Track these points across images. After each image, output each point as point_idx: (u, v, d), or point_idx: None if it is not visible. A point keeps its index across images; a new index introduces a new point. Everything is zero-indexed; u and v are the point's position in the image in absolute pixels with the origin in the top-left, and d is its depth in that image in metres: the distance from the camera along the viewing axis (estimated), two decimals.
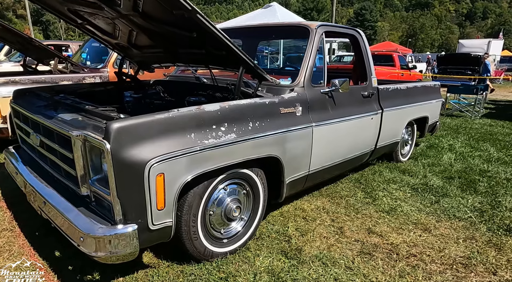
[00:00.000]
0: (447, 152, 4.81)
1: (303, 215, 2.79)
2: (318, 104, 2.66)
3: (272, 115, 2.24)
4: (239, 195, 2.20)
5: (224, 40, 1.92)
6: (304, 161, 2.58)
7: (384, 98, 3.51)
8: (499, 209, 2.97)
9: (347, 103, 2.99)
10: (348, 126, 2.97)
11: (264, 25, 3.11)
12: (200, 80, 3.06)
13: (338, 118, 2.82)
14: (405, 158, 4.42)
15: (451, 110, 8.22)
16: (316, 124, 2.57)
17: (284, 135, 2.29)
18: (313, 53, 2.69)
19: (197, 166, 1.77)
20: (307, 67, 2.63)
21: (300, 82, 2.57)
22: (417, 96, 4.19)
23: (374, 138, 3.45)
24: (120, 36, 2.76)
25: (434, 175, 3.88)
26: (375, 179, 3.67)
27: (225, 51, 2.13)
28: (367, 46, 3.33)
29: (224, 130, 1.91)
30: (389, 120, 3.59)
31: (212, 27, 1.83)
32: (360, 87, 3.22)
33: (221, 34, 1.90)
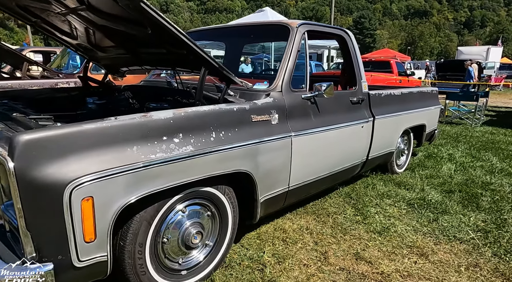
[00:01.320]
0: (446, 163, 4.49)
1: (284, 236, 2.46)
2: (299, 111, 2.36)
3: (242, 123, 1.94)
4: (201, 218, 1.88)
5: (179, 35, 1.63)
6: (282, 176, 2.26)
7: (376, 105, 3.21)
8: (505, 229, 2.64)
9: (333, 110, 2.69)
10: (335, 135, 2.66)
11: (241, 24, 2.83)
12: (171, 85, 2.76)
13: (322, 127, 2.51)
14: (401, 169, 4.10)
15: (451, 117, 7.92)
16: (295, 134, 2.26)
17: (256, 146, 1.98)
18: (293, 54, 2.39)
19: (141, 186, 1.46)
20: (286, 70, 2.33)
21: (277, 86, 2.27)
22: (413, 103, 3.89)
23: (365, 148, 3.14)
24: (78, 35, 2.48)
25: (432, 188, 3.56)
26: (368, 193, 3.35)
27: (185, 50, 1.83)
28: (356, 48, 3.04)
29: (178, 142, 1.60)
30: (382, 129, 3.28)
31: (163, 19, 1.54)
32: (348, 92, 2.92)
33: (174, 29, 1.61)
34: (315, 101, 2.50)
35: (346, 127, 2.76)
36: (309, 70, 2.51)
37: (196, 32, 3.23)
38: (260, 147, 2.01)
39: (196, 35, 3.35)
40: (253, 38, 3.15)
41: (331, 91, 2.41)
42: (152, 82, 3.20)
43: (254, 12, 8.05)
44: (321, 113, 2.55)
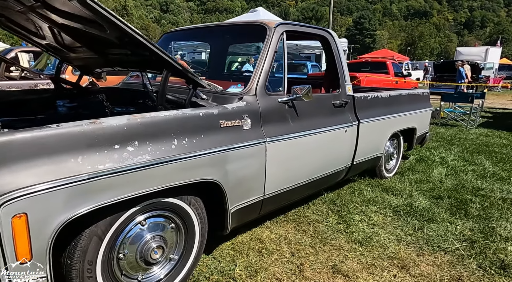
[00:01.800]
0: (438, 166, 4.38)
1: (259, 247, 2.35)
2: (275, 115, 2.24)
3: (209, 129, 1.82)
4: (164, 231, 1.76)
5: (134, 35, 1.52)
6: (256, 184, 2.15)
7: (362, 108, 3.09)
8: (493, 239, 2.52)
9: (314, 113, 2.58)
10: (315, 140, 2.55)
11: (217, 24, 2.72)
12: (146, 88, 2.65)
13: (301, 132, 2.40)
14: (390, 173, 3.99)
15: (446, 119, 7.81)
16: (270, 140, 2.15)
17: (224, 154, 1.87)
18: (270, 56, 2.28)
19: (88, 199, 1.35)
20: (261, 72, 2.22)
21: (251, 89, 2.16)
22: (402, 105, 3.77)
23: (350, 153, 3.02)
24: (45, 35, 2.37)
25: (421, 194, 3.44)
26: (353, 199, 3.24)
27: (146, 51, 1.72)
28: (340, 49, 2.93)
29: (133, 151, 1.49)
30: (367, 133, 3.17)
31: (113, 16, 1.42)
32: (331, 95, 2.80)
33: (128, 28, 1.50)
34: (293, 105, 2.39)
35: (327, 131, 2.65)
36: (286, 71, 2.39)
37: (175, 32, 3.12)
38: (229, 155, 1.90)
39: (176, 36, 3.24)
40: (230, 39, 3.04)
41: (309, 94, 2.30)
42: (130, 84, 3.09)
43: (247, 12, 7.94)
44: (300, 117, 2.43)
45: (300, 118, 2.43)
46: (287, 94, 2.36)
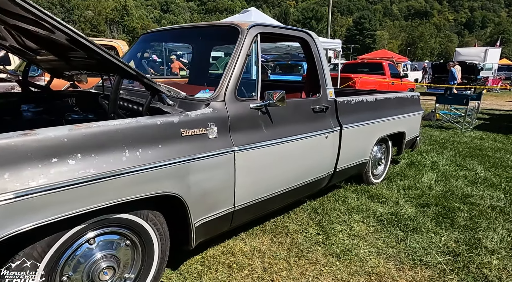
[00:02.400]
0: (428, 172, 4.25)
1: (230, 261, 2.22)
2: (246, 122, 2.12)
3: (167, 139, 1.70)
4: (117, 249, 1.64)
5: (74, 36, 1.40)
6: (224, 196, 2.03)
7: (345, 113, 2.97)
8: (477, 251, 2.40)
9: (291, 120, 2.45)
10: (292, 148, 2.43)
11: (189, 26, 2.60)
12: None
13: (275, 139, 2.28)
14: (378, 179, 3.86)
15: (441, 121, 7.68)
16: (240, 148, 2.03)
17: (186, 165, 1.75)
18: (241, 59, 2.16)
19: (17, 220, 1.22)
20: (231, 76, 2.09)
21: (220, 95, 2.03)
22: (390, 109, 3.65)
23: (332, 159, 2.90)
24: (4, 36, 2.25)
25: (408, 201, 3.32)
26: (337, 207, 3.11)
27: (98, 55, 1.60)
28: (321, 51, 2.81)
29: (74, 164, 1.36)
30: (351, 138, 3.05)
31: (50, 17, 1.31)
32: (310, 100, 2.68)
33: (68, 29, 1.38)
34: (267, 111, 2.27)
35: (306, 138, 2.52)
36: (260, 76, 2.27)
37: (153, 33, 2.99)
38: (191, 166, 1.78)
39: (154, 37, 3.12)
40: (204, 41, 2.92)
41: (283, 99, 2.17)
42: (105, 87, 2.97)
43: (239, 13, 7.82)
44: (274, 124, 2.31)
45: (275, 125, 2.31)
46: (260, 99, 2.24)
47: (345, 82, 8.71)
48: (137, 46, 3.10)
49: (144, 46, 3.06)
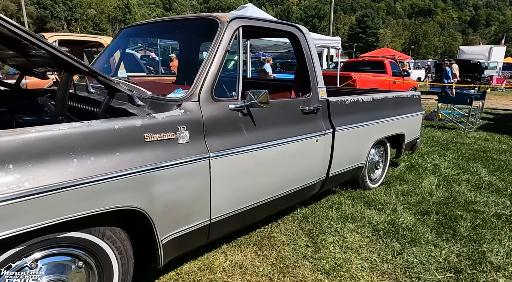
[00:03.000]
0: (429, 175, 4.03)
1: (207, 279, 2.02)
2: (224, 125, 1.91)
3: (128, 145, 1.49)
4: (67, 273, 1.44)
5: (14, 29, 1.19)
6: (198, 207, 1.82)
7: (338, 114, 2.75)
8: (482, 267, 2.18)
9: (277, 122, 2.24)
10: (278, 152, 2.21)
11: (164, 19, 2.39)
12: (88, 91, 2.32)
13: (258, 144, 2.06)
14: (375, 184, 3.64)
15: (444, 121, 7.43)
16: (216, 154, 1.82)
17: (149, 174, 1.54)
18: (219, 55, 1.95)
19: None
20: (207, 74, 1.88)
21: (193, 94, 1.82)
22: (388, 110, 3.42)
23: (323, 164, 2.68)
24: None
25: (406, 208, 3.10)
26: (329, 215, 2.90)
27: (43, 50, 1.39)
28: (312, 47, 2.59)
29: (4, 177, 1.16)
30: (345, 141, 2.83)
31: None
32: (299, 100, 2.46)
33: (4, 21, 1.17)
34: (249, 113, 2.05)
35: (293, 142, 2.31)
36: (241, 74, 2.05)
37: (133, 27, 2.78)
38: (156, 175, 1.57)
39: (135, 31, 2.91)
40: (183, 35, 2.70)
41: (265, 99, 1.96)
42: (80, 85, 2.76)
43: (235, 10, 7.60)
44: (258, 126, 2.10)
45: (258, 128, 2.09)
46: (241, 100, 2.03)
47: (345, 81, 8.47)
48: (117, 41, 2.89)
49: (125, 41, 2.85)
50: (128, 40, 3.00)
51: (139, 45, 23.04)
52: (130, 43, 3.16)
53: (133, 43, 4.80)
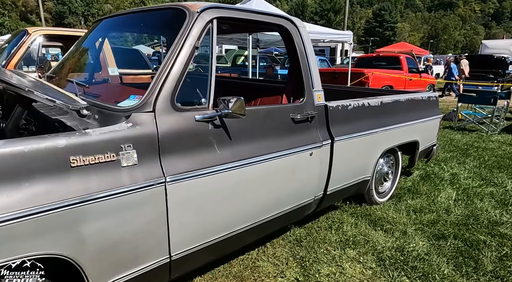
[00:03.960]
0: (446, 187, 3.57)
1: None
2: (188, 140, 1.54)
3: (46, 173, 1.15)
4: None
5: None
6: (151, 244, 1.46)
7: (339, 121, 2.34)
8: None
9: (260, 134, 1.86)
10: (260, 171, 1.84)
11: (129, 11, 2.03)
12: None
13: (234, 162, 1.69)
14: (383, 197, 3.21)
15: (464, 122, 6.86)
16: (175, 178, 1.45)
17: (75, 210, 1.19)
18: (185, 52, 1.57)
19: None
20: (167, 77, 1.52)
21: (148, 103, 1.46)
22: (400, 114, 2.99)
23: (320, 181, 2.29)
24: None
25: (419, 230, 2.67)
26: (327, 238, 2.51)
27: None
28: (307, 43, 2.18)
29: None
30: (347, 153, 2.43)
31: None
32: (289, 107, 2.06)
33: None
34: (223, 124, 1.68)
35: (280, 157, 1.92)
36: (213, 76, 1.68)
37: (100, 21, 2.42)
38: (87, 210, 1.22)
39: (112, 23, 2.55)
40: (148, 28, 2.33)
41: (240, 109, 1.58)
42: None
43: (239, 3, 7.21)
44: (234, 140, 1.72)
45: (235, 142, 1.72)
46: (213, 108, 1.65)
47: (357, 78, 7.97)
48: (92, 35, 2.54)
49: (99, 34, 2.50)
50: (102, 35, 2.65)
51: (155, 41, 22.68)
52: (110, 37, 2.80)
53: (116, 37, 4.52)
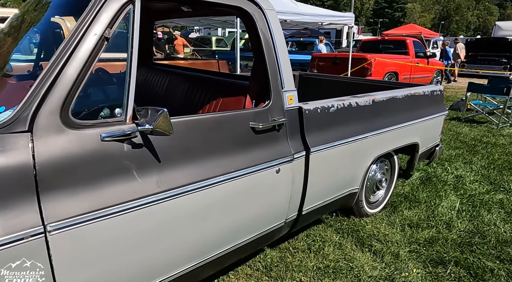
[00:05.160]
0: (449, 194, 3.14)
1: None
2: (87, 169, 1.13)
3: None
4: None
5: None
6: None
7: (317, 127, 1.91)
8: None
9: (203, 151, 1.44)
10: (199, 202, 1.43)
11: None
12: None
13: (161, 193, 1.28)
14: (375, 208, 2.80)
15: (473, 113, 6.33)
16: (60, 225, 1.05)
17: None
18: (88, 46, 1.14)
19: None
20: (55, 80, 1.09)
21: (22, 118, 1.05)
22: (397, 114, 2.54)
23: (291, 201, 1.88)
24: None
25: (414, 252, 2.27)
26: (304, 264, 2.11)
27: None
28: (277, 31, 1.72)
29: None
30: (327, 165, 2.01)
31: None
32: (247, 113, 1.62)
33: None
34: (147, 141, 1.26)
35: (232, 180, 1.51)
36: (134, 76, 1.24)
37: None
38: None
39: None
40: (53, 10, 1.86)
41: (164, 125, 1.16)
42: None
43: None
44: (164, 163, 1.31)
45: (164, 165, 1.31)
46: (132, 121, 1.23)
47: (359, 64, 7.40)
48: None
49: None
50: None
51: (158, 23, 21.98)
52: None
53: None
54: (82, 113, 1.31)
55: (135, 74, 1.25)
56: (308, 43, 12.51)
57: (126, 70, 1.24)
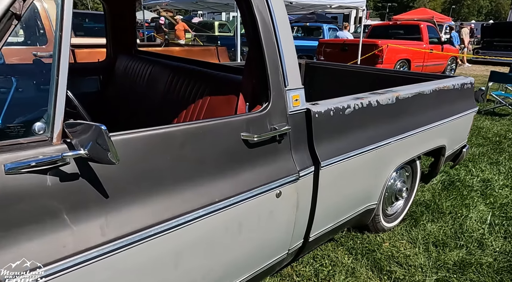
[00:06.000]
0: (477, 202, 2.73)
1: None
2: None
3: None
4: None
5: None
6: None
7: (329, 134, 1.50)
8: None
9: (172, 176, 1.04)
10: (165, 247, 1.04)
11: None
12: None
13: (108, 243, 0.89)
14: (393, 221, 2.41)
15: (493, 105, 5.85)
16: None
17: None
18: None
19: None
20: None
21: None
22: (423, 112, 2.11)
23: (295, 229, 1.48)
24: None
25: (442, 281, 1.88)
26: None
27: None
28: (277, 9, 1.29)
29: None
30: (341, 180, 1.60)
31: None
32: (238, 120, 1.21)
33: None
34: (85, 168, 0.86)
35: (214, 214, 1.11)
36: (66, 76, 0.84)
37: None
38: None
39: None
40: None
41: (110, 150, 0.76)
42: None
43: None
44: (114, 197, 0.92)
45: (113, 200, 0.91)
46: (62, 140, 0.83)
47: (369, 51, 6.88)
48: None
49: None
50: None
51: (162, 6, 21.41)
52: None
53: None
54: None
55: (66, 68, 0.84)
56: (315, 28, 11.90)
57: (53, 68, 0.83)
